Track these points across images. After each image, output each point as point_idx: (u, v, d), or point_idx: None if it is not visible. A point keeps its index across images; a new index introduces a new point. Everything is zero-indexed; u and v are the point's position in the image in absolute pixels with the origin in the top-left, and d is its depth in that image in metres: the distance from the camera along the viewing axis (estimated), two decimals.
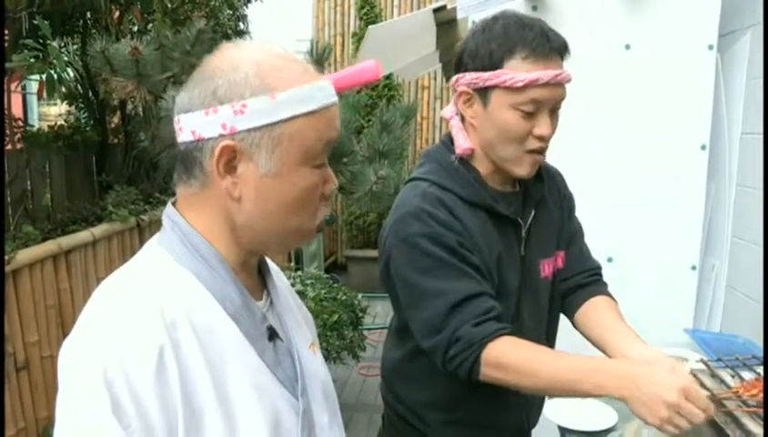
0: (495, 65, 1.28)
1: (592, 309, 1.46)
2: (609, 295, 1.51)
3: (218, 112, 0.80)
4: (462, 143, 1.37)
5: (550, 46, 1.27)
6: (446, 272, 1.28)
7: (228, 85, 0.80)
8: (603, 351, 1.36)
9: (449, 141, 1.42)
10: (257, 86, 0.80)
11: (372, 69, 0.88)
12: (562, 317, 1.54)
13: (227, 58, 0.83)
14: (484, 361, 1.23)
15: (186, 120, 0.83)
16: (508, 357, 1.23)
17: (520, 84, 1.25)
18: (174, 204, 0.90)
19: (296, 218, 0.86)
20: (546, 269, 1.46)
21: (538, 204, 1.45)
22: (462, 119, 1.39)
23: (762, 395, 1.34)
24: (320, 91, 0.84)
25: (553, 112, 1.31)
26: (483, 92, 1.31)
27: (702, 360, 1.63)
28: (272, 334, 0.90)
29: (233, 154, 0.81)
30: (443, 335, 1.26)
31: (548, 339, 1.50)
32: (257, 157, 0.81)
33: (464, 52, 1.34)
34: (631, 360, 1.22)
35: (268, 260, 1.03)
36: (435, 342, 1.27)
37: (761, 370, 1.51)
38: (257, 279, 0.97)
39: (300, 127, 0.82)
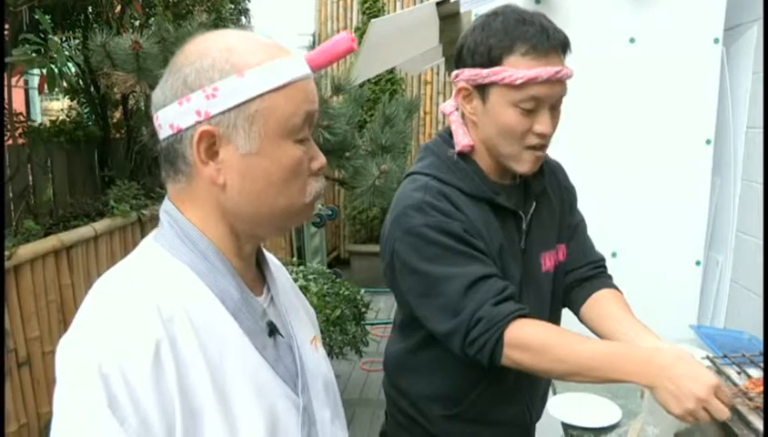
0: (494, 61, 1.26)
1: (599, 302, 1.44)
2: (614, 287, 1.49)
3: (191, 100, 0.80)
4: (461, 139, 1.35)
5: (550, 43, 1.25)
6: (454, 258, 1.27)
7: (198, 71, 0.81)
8: None
9: (447, 135, 1.41)
10: (226, 68, 0.80)
11: (345, 39, 0.87)
12: (565, 311, 1.53)
13: (195, 48, 0.84)
14: (507, 342, 1.21)
15: (164, 115, 0.83)
16: (530, 337, 1.22)
17: (519, 81, 1.23)
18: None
19: (284, 196, 0.85)
20: (547, 262, 1.45)
21: (539, 196, 1.44)
22: (462, 115, 1.37)
23: None
24: (290, 64, 0.83)
25: (554, 108, 1.29)
26: (482, 89, 1.29)
27: (707, 357, 1.61)
28: (272, 330, 0.89)
29: (212, 139, 0.81)
30: (462, 317, 1.24)
31: None
32: (235, 139, 0.81)
33: (463, 47, 1.32)
34: (656, 348, 1.20)
35: (270, 256, 1.03)
36: (454, 325, 1.25)
37: None
38: (257, 274, 0.96)
39: (274, 102, 0.82)
